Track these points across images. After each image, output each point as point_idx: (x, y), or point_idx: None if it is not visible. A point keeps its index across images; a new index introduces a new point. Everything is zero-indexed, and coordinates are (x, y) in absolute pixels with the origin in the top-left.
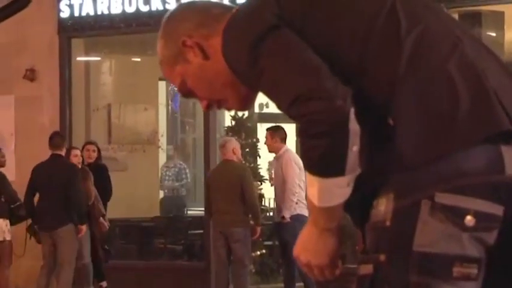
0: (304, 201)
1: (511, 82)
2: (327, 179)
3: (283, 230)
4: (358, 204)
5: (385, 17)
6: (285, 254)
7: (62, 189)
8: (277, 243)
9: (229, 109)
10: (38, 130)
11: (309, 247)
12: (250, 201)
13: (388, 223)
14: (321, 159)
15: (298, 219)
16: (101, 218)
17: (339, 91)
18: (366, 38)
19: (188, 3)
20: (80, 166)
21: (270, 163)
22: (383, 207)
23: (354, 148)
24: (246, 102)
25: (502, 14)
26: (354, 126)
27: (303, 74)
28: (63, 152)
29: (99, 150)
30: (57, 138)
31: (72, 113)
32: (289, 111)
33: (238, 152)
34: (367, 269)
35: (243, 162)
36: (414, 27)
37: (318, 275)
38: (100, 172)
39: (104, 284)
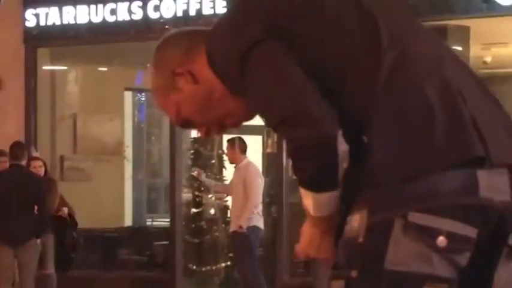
0: (261, 213)
1: (488, 105)
2: (321, 193)
3: (237, 240)
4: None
5: (367, 34)
6: (237, 264)
7: (28, 202)
8: None
9: (234, 124)
10: (3, 139)
11: (314, 246)
12: None
13: (360, 239)
14: (313, 179)
15: (254, 231)
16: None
17: (325, 114)
18: (348, 54)
19: (176, 32)
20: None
21: None
22: (356, 223)
23: (344, 165)
24: (246, 114)
25: (467, 28)
26: (342, 147)
27: (290, 95)
28: (23, 163)
29: (45, 165)
30: (16, 149)
31: (37, 122)
32: (276, 131)
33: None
34: (338, 285)
35: (209, 174)
36: (394, 46)
37: (324, 262)
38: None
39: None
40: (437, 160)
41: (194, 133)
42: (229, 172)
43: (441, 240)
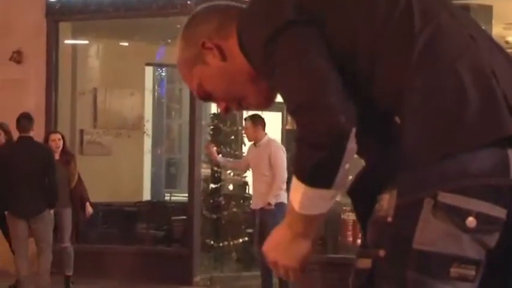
0: (285, 189)
1: None
2: (313, 188)
3: (266, 217)
4: (364, 198)
5: (399, 15)
6: (263, 242)
7: (39, 174)
8: None
9: (250, 107)
10: None
11: (280, 248)
12: None
13: (389, 219)
14: (312, 169)
15: (280, 208)
16: (87, 203)
17: (343, 107)
18: (380, 36)
19: (207, 6)
20: (59, 151)
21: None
22: (386, 202)
23: (346, 166)
24: (268, 98)
25: (490, 7)
26: (351, 145)
27: (312, 81)
28: (31, 134)
29: (63, 139)
30: (24, 120)
31: (58, 96)
32: (293, 115)
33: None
34: (365, 263)
35: (228, 150)
36: (427, 26)
37: (282, 274)
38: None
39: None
40: (469, 139)
41: (214, 109)
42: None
43: (471, 220)
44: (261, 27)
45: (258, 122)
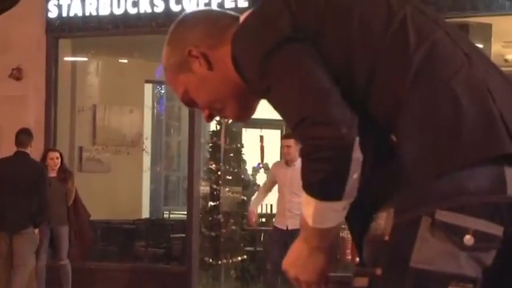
0: None
1: None
2: (324, 202)
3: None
4: (359, 216)
5: (395, 32)
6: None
7: (29, 189)
8: (258, 249)
9: (229, 118)
10: None
11: (299, 263)
12: None
13: (386, 238)
14: (320, 183)
15: None
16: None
17: (346, 118)
18: (376, 53)
19: (197, 11)
20: (56, 169)
21: (254, 168)
22: (383, 221)
23: (355, 176)
24: (244, 114)
25: (489, 26)
26: (357, 154)
27: (312, 96)
28: (28, 150)
29: (61, 156)
30: (22, 136)
31: (57, 112)
32: (295, 130)
33: None
34: (362, 282)
35: (227, 167)
36: (423, 43)
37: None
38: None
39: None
40: (465, 157)
41: (213, 126)
42: (247, 166)
43: (468, 238)
44: (257, 42)
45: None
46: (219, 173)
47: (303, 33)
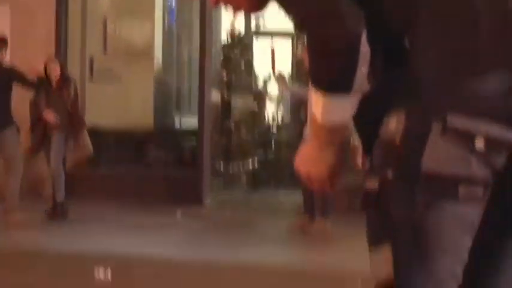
0: None
1: None
2: (332, 95)
3: None
4: (369, 121)
5: None
6: None
7: (4, 90)
8: (269, 156)
9: (238, 9)
10: (34, 42)
11: (310, 158)
12: None
13: (397, 141)
14: (329, 74)
15: None
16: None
17: (351, 12)
18: None
19: None
20: (56, 79)
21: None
22: (393, 125)
23: (363, 69)
24: (255, 4)
25: None
26: (364, 48)
27: None
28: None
29: (61, 66)
30: None
31: (68, 25)
32: (302, 25)
33: None
34: (372, 184)
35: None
36: None
37: (317, 187)
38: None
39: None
40: (480, 63)
41: (224, 37)
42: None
43: (479, 142)
44: None
45: None
46: (230, 82)
47: None
